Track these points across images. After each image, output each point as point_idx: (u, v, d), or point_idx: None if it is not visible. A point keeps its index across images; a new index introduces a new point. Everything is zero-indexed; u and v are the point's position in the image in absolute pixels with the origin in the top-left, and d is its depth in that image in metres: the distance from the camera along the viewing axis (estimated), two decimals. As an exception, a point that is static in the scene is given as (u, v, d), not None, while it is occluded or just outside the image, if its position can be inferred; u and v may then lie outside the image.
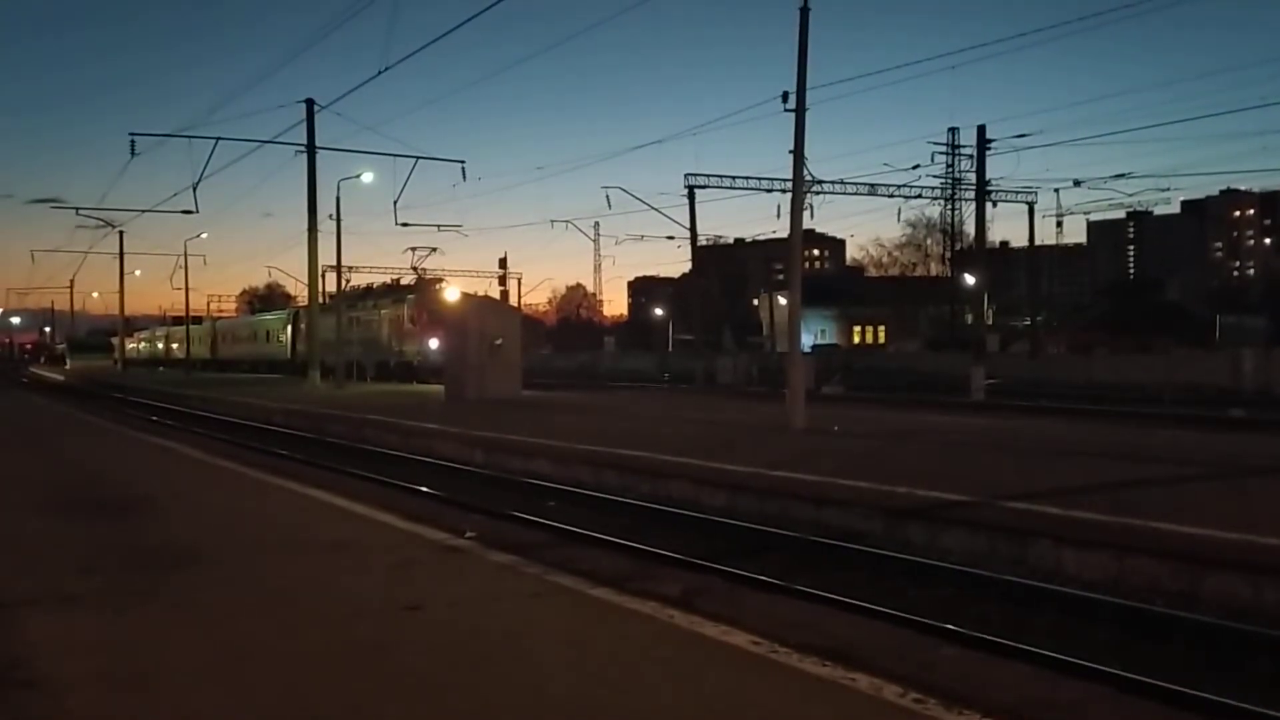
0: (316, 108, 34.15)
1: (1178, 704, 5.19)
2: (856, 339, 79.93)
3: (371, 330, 42.44)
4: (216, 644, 4.95)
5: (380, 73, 26.87)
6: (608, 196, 46.86)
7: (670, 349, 71.56)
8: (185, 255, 60.33)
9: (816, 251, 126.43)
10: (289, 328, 52.46)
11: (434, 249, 41.37)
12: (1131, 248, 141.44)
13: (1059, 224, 64.85)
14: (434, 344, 32.18)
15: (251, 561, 6.92)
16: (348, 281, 51.79)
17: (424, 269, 42.44)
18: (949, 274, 71.30)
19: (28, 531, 8.10)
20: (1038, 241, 54.30)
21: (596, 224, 72.06)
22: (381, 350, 41.07)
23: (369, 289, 47.58)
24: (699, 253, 52.16)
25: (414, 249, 41.31)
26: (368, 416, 21.42)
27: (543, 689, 4.28)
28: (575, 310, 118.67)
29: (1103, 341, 51.11)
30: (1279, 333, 49.60)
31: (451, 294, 35.19)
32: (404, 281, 44.21)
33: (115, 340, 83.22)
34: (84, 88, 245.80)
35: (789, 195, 18.76)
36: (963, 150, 55.78)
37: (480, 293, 43.59)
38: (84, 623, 5.34)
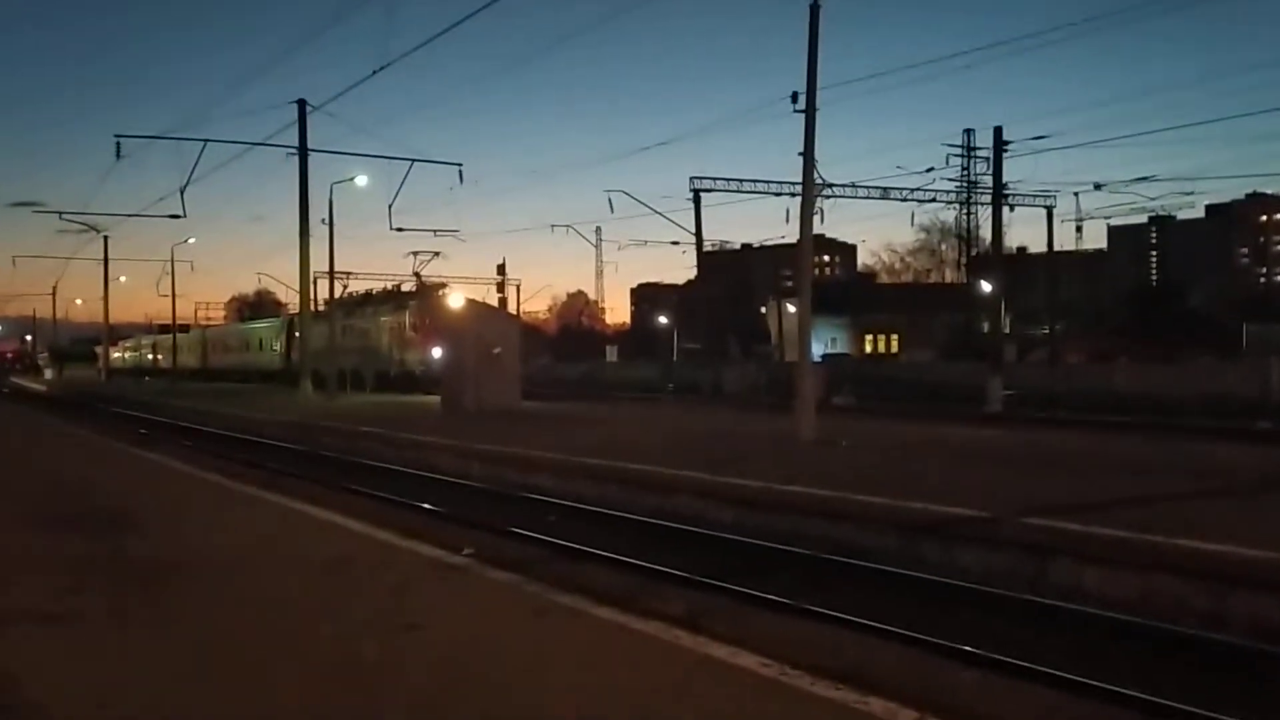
0: (309, 108, 34.19)
1: (1204, 729, 5.18)
2: (868, 348, 79.80)
3: (371, 339, 42.34)
4: (207, 664, 4.96)
5: (375, 72, 26.75)
6: (610, 200, 46.91)
7: (675, 358, 71.50)
8: (172, 261, 60.40)
9: (827, 257, 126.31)
10: (283, 336, 52.44)
11: (436, 253, 41.20)
12: (1154, 253, 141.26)
13: (1078, 229, 64.65)
14: (437, 353, 32.05)
15: (242, 579, 6.93)
16: (344, 288, 51.82)
17: (424, 274, 42.36)
18: (964, 280, 71.37)
19: (10, 546, 8.11)
20: (1056, 247, 54.35)
21: (598, 229, 72.26)
22: (382, 359, 40.96)
23: (368, 295, 47.39)
24: (705, 259, 52.26)
25: (415, 253, 41.16)
26: (361, 429, 21.43)
27: (545, 711, 4.28)
28: (576, 318, 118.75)
29: (1124, 351, 50.97)
30: (1308, 342, 49.48)
31: (455, 300, 34.90)
32: (404, 288, 44.04)
33: (100, 349, 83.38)
34: (68, 88, 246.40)
35: (798, 199, 18.79)
36: (979, 152, 55.84)
37: (478, 299, 43.46)
38: (68, 641, 5.35)
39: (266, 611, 6.01)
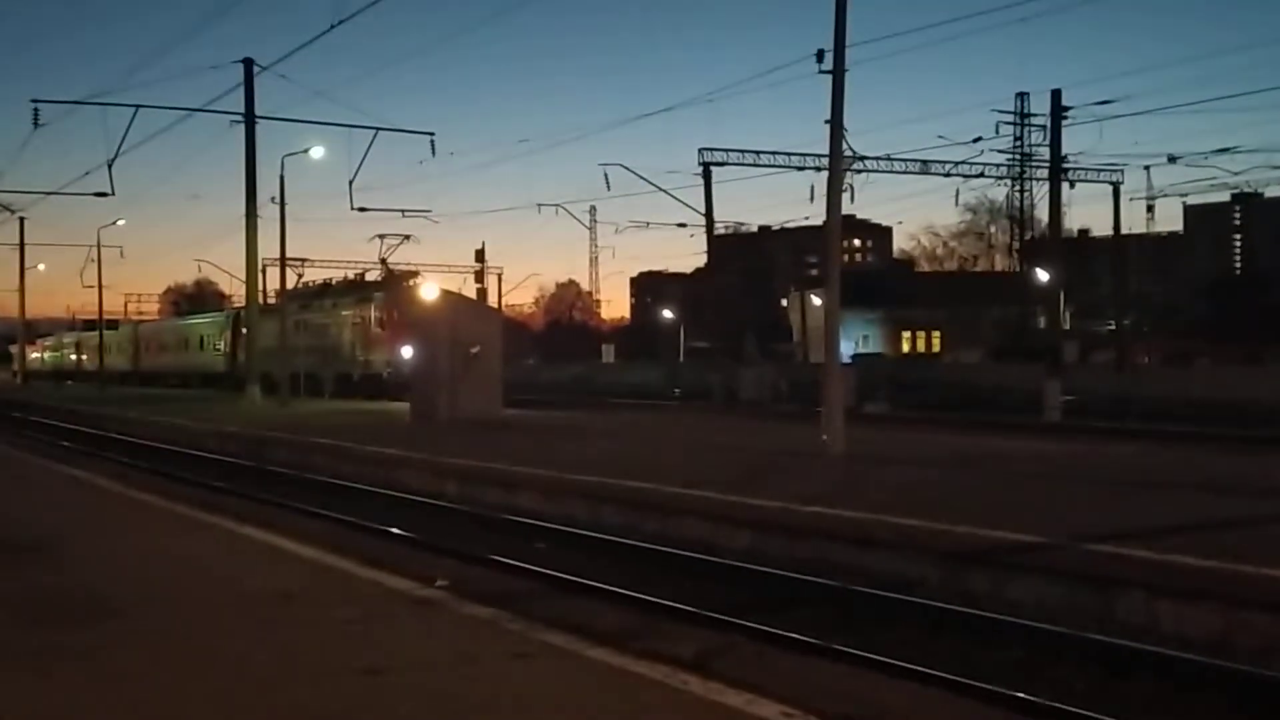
0: (256, 69, 34.34)
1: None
2: (906, 347, 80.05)
3: (330, 336, 42.21)
4: (135, 715, 4.93)
5: (332, 27, 26.89)
6: (606, 176, 46.91)
7: (682, 359, 71.68)
8: (99, 246, 60.57)
9: (858, 241, 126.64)
10: (227, 333, 52.48)
11: (407, 236, 40.99)
12: (1238, 237, 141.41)
13: (1150, 208, 64.61)
14: (407, 353, 32.03)
15: (177, 615, 6.91)
16: (299, 277, 51.90)
17: (392, 262, 42.28)
18: (1017, 269, 71.55)
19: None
20: (1124, 229, 54.32)
21: (593, 208, 72.42)
22: (343, 360, 40.87)
23: (326, 286, 47.30)
24: (716, 243, 52.28)
25: (382, 237, 41.02)
26: (317, 440, 21.45)
27: (529, 771, 4.25)
28: (567, 312, 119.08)
29: (1204, 351, 51.15)
30: None
31: (429, 291, 34.77)
32: (370, 277, 43.96)
33: (15, 348, 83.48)
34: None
35: (824, 174, 18.77)
36: (1034, 120, 55.98)
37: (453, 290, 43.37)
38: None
39: (204, 653, 5.99)
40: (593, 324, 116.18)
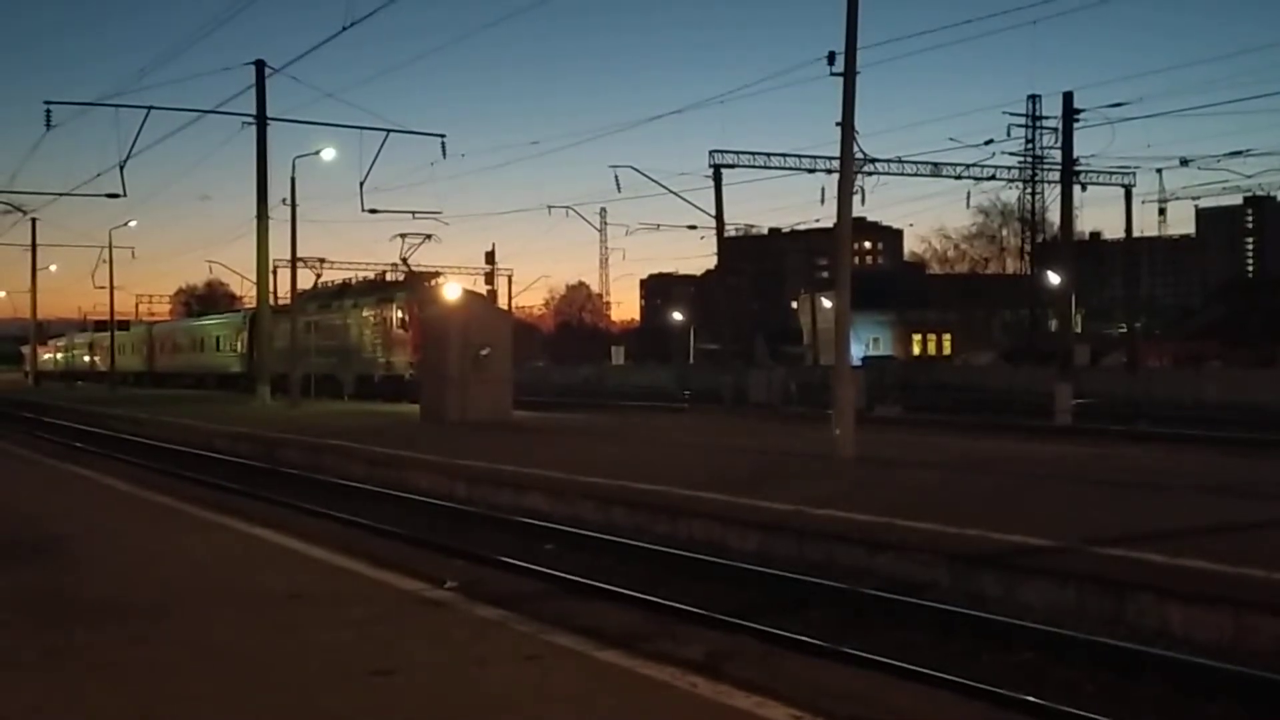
0: (268, 71, 34.38)
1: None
2: (917, 349, 79.97)
3: (349, 337, 41.94)
4: (145, 715, 4.94)
5: (344, 29, 26.92)
6: (616, 178, 46.93)
7: (692, 361, 71.79)
8: (110, 247, 60.75)
9: (869, 244, 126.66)
10: (244, 334, 52.45)
11: (428, 236, 40.72)
12: (1250, 239, 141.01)
13: (1162, 211, 64.25)
14: None
15: (187, 615, 6.93)
16: (318, 277, 51.90)
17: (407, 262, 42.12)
18: (1028, 271, 71.37)
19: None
20: (1136, 232, 54.22)
21: (603, 210, 72.49)
22: (363, 362, 40.56)
23: (345, 286, 47.10)
24: (726, 245, 52.26)
25: (403, 236, 40.85)
26: (327, 441, 21.49)
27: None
28: (577, 314, 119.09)
29: (1216, 353, 50.98)
30: None
31: (452, 291, 34.43)
32: (388, 278, 43.78)
33: (26, 349, 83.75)
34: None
35: (835, 176, 18.74)
36: (1045, 122, 55.81)
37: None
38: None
39: (213, 653, 6.01)
40: (603, 326, 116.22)
